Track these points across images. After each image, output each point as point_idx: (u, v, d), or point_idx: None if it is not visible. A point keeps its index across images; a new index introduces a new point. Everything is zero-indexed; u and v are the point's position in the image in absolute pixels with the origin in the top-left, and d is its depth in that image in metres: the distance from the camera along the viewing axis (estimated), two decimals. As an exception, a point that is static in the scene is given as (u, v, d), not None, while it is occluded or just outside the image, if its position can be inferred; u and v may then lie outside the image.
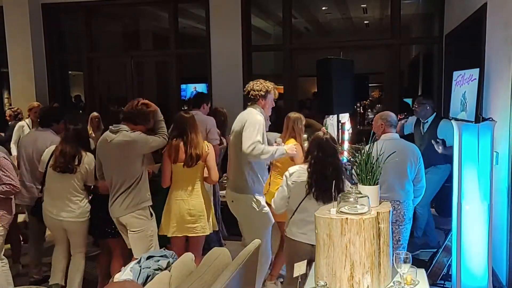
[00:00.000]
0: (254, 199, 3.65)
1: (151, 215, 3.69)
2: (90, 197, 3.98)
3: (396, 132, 4.10)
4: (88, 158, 3.88)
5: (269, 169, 4.24)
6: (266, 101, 3.70)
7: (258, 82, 3.72)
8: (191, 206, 3.71)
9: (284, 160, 3.99)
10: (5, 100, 8.82)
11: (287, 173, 3.24)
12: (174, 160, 3.69)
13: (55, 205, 3.85)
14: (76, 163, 3.80)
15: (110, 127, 3.66)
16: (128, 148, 3.54)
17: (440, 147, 4.69)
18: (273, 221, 3.77)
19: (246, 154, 3.48)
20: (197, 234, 3.75)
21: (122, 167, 3.57)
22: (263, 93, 3.67)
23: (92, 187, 3.92)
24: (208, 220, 3.78)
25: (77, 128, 3.95)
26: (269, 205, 3.71)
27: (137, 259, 3.39)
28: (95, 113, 6.28)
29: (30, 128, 5.97)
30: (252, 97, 3.68)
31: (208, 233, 3.79)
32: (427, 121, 5.01)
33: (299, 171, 3.19)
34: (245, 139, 3.48)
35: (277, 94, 3.81)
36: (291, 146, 3.76)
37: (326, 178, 2.99)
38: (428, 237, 5.08)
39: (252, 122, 3.52)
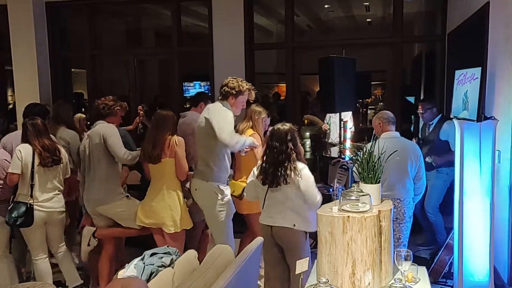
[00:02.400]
0: (217, 188, 3.70)
1: (128, 197, 3.91)
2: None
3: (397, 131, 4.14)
4: (63, 149, 4.02)
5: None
6: (236, 101, 3.71)
7: (235, 80, 3.72)
8: (154, 201, 3.78)
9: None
10: (9, 98, 8.85)
11: (255, 167, 3.42)
12: (144, 158, 3.83)
13: (47, 199, 3.88)
14: (58, 154, 3.90)
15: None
16: (100, 134, 3.76)
17: (433, 162, 4.73)
18: (234, 210, 3.84)
19: (228, 143, 3.54)
20: (156, 227, 3.83)
21: (95, 157, 3.79)
22: (234, 92, 3.68)
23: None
24: (169, 219, 3.74)
25: (37, 121, 3.90)
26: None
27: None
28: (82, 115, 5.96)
29: None
30: (223, 92, 3.71)
31: (169, 232, 3.75)
32: (432, 123, 5.01)
33: None
34: (220, 128, 3.52)
35: (253, 95, 3.80)
36: (254, 137, 3.89)
37: (269, 163, 3.21)
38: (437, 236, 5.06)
39: (222, 113, 3.59)
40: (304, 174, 3.18)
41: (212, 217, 3.78)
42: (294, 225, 3.20)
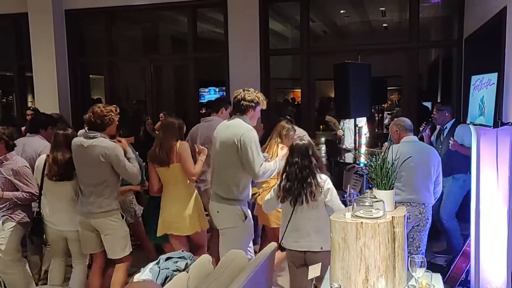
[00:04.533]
0: (241, 211, 3.55)
1: (122, 217, 3.78)
2: None
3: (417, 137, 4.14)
4: None
5: None
6: (255, 113, 3.59)
7: (249, 92, 3.57)
8: (171, 205, 3.83)
9: None
10: (29, 104, 9.05)
11: (274, 186, 3.35)
12: (153, 162, 3.86)
13: (55, 216, 3.81)
14: (69, 169, 3.73)
15: (84, 132, 3.74)
16: (103, 153, 3.57)
17: (451, 145, 4.66)
18: (253, 235, 3.71)
19: (257, 177, 3.47)
20: (176, 233, 3.84)
21: (94, 172, 3.62)
22: (253, 104, 3.54)
23: None
24: (188, 220, 3.80)
25: (65, 133, 3.82)
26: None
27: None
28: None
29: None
30: (243, 107, 3.53)
31: (189, 234, 3.83)
32: (446, 127, 4.97)
33: None
34: (252, 161, 3.38)
35: (265, 105, 3.68)
36: (284, 153, 3.67)
37: (291, 180, 3.13)
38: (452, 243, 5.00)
39: (252, 140, 3.41)
40: (327, 185, 3.16)
41: (232, 239, 3.56)
42: (322, 248, 3.13)
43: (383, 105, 10.16)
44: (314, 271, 2.34)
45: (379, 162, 2.36)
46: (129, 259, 3.82)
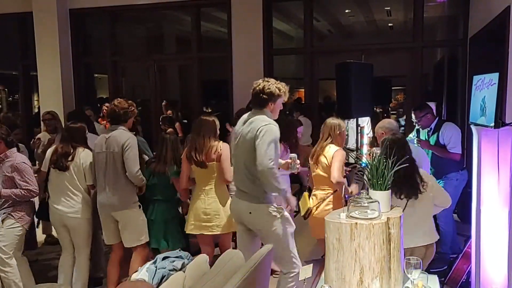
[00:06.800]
0: (274, 207, 3.31)
1: (139, 206, 3.94)
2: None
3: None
4: (84, 153, 3.97)
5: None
6: (275, 105, 3.30)
7: (269, 84, 3.27)
8: (206, 205, 3.84)
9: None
10: (35, 103, 9.12)
11: None
12: (190, 161, 3.85)
13: (58, 201, 3.96)
14: (70, 159, 3.91)
15: (108, 128, 4.00)
16: (118, 143, 3.75)
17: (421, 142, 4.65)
18: (295, 226, 3.46)
19: (261, 170, 3.09)
20: (212, 233, 3.86)
21: (114, 164, 3.79)
22: (273, 98, 3.27)
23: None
24: (224, 219, 3.85)
25: (70, 126, 4.09)
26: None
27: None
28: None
29: None
30: (261, 101, 3.26)
31: (225, 232, 3.86)
32: (431, 128, 4.81)
33: None
34: (263, 151, 3.09)
35: (288, 95, 3.39)
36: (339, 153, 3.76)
37: (402, 175, 2.90)
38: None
39: (272, 132, 3.15)
40: (430, 180, 3.23)
41: (272, 237, 3.30)
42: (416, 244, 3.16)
43: (389, 105, 10.09)
44: (305, 272, 2.33)
45: (374, 162, 2.34)
46: (146, 251, 3.97)
